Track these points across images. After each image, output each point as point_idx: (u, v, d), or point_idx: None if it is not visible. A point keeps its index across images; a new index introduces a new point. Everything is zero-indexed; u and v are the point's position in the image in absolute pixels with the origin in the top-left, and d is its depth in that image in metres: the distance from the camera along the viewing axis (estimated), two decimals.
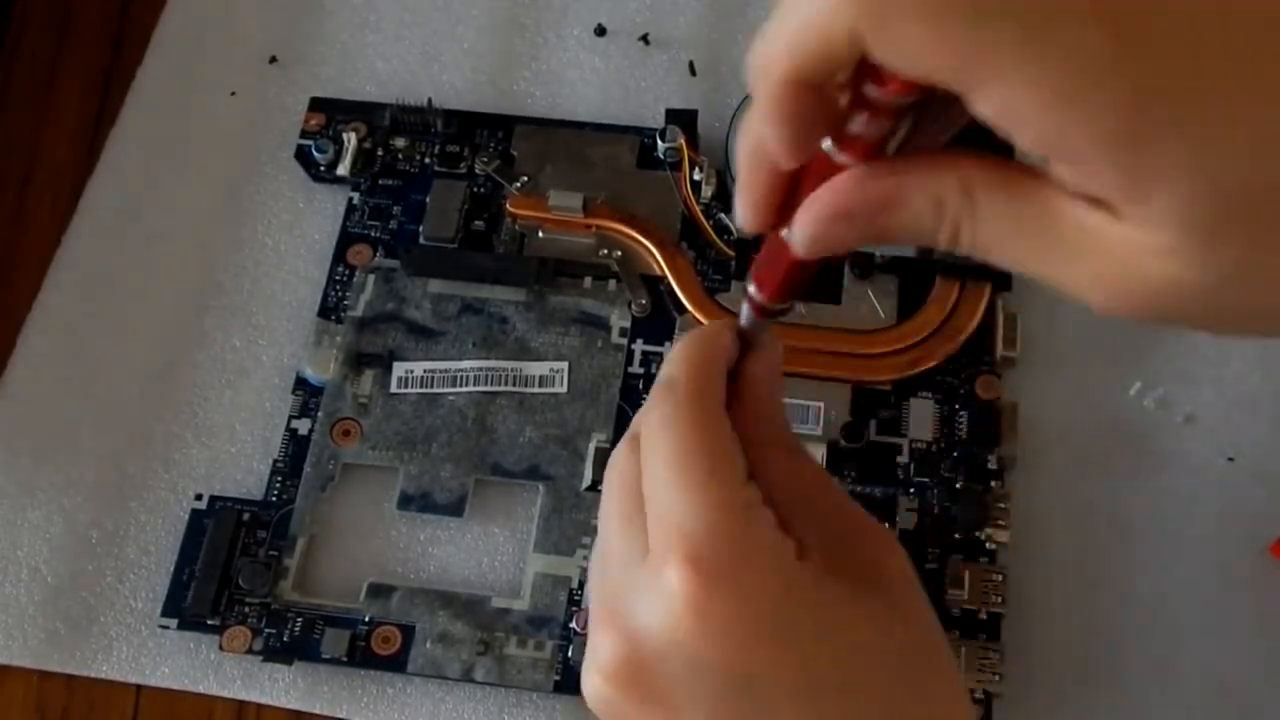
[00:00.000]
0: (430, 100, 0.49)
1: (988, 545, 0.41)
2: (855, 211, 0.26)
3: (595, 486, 0.42)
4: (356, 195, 0.48)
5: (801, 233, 0.27)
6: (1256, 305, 0.24)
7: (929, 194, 0.25)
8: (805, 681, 0.27)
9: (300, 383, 0.45)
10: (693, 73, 0.51)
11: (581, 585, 0.41)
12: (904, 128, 0.26)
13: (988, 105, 0.23)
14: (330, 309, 0.46)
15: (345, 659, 0.40)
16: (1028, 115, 0.23)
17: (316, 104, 0.50)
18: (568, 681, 0.40)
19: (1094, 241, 0.24)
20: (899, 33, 0.22)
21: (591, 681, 0.29)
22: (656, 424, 0.29)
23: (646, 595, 0.27)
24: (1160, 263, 0.23)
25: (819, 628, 0.28)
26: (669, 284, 0.45)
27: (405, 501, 0.43)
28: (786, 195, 0.27)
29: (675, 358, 0.30)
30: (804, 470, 0.31)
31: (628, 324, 0.45)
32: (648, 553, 0.28)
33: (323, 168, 0.48)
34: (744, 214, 0.28)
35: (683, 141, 0.47)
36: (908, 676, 0.29)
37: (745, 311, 0.30)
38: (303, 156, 0.49)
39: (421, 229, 0.47)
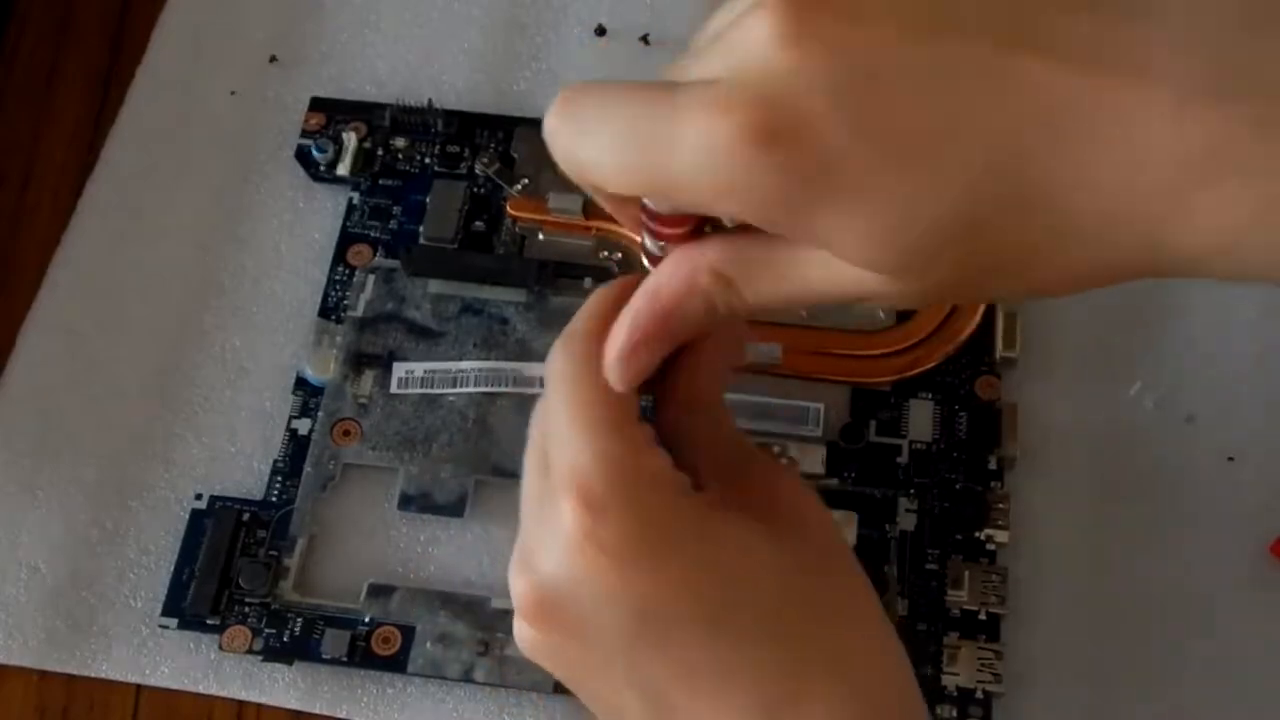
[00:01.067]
0: (430, 100, 0.49)
1: (988, 545, 0.41)
2: (650, 337, 0.29)
3: None
4: (356, 195, 0.48)
5: (612, 370, 0.29)
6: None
7: (697, 294, 0.28)
8: (698, 610, 0.28)
9: (300, 383, 0.45)
10: None
11: None
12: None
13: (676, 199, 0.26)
14: (330, 309, 0.46)
15: (345, 659, 0.40)
16: (707, 202, 0.26)
17: (316, 104, 0.50)
18: None
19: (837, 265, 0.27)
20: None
21: (515, 625, 0.30)
22: (553, 374, 0.30)
23: (549, 533, 0.29)
24: (877, 281, 0.26)
25: (706, 554, 0.29)
26: None
27: (405, 502, 0.43)
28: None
29: (581, 310, 0.31)
30: (721, 428, 0.32)
31: None
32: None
33: (323, 168, 0.48)
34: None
35: None
36: (810, 599, 0.29)
37: None
38: (303, 156, 0.49)
39: (421, 229, 0.47)
